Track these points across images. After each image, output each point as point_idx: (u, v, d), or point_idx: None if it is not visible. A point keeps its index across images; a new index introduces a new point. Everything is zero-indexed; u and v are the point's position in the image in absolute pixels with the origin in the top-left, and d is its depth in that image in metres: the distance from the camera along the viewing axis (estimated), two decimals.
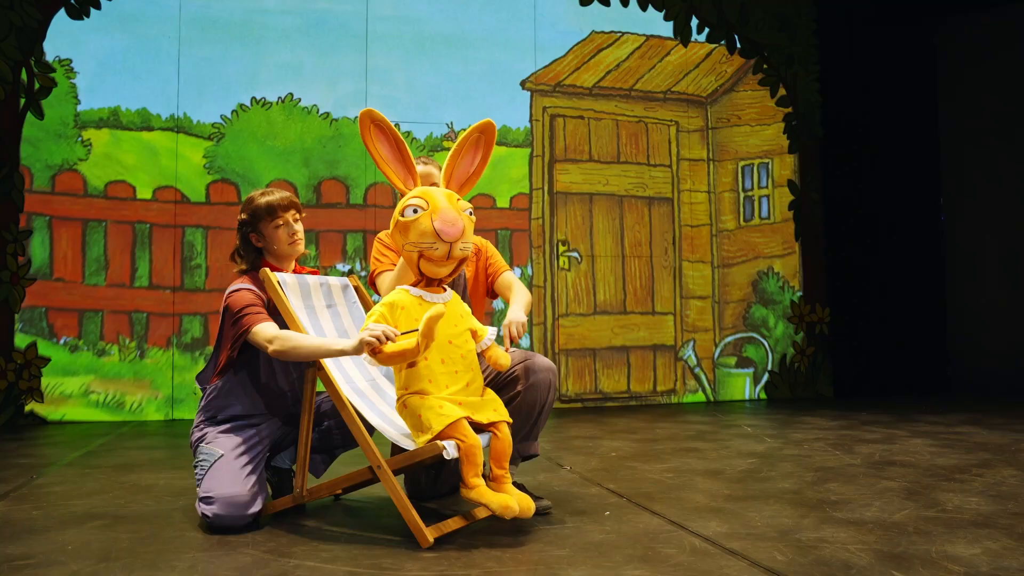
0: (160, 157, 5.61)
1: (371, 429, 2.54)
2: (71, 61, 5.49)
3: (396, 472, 2.42)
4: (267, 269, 2.59)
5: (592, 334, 6.24)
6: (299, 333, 2.45)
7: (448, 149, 6.05)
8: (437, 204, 2.32)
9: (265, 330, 2.46)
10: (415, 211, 2.33)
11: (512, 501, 2.30)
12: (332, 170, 5.83)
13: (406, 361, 2.29)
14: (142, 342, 5.49)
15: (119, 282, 5.49)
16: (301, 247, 2.73)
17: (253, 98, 5.80)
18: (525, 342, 6.08)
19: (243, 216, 2.71)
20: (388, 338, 2.24)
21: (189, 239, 5.60)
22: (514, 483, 2.74)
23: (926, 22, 7.22)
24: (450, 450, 2.27)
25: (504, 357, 2.47)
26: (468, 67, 6.19)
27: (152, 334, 5.50)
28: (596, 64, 6.42)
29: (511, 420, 2.49)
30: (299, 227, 2.71)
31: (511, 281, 2.85)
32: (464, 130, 6.12)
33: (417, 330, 2.21)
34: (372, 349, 2.22)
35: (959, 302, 7.09)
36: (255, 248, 2.72)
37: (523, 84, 6.27)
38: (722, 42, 6.72)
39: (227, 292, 2.64)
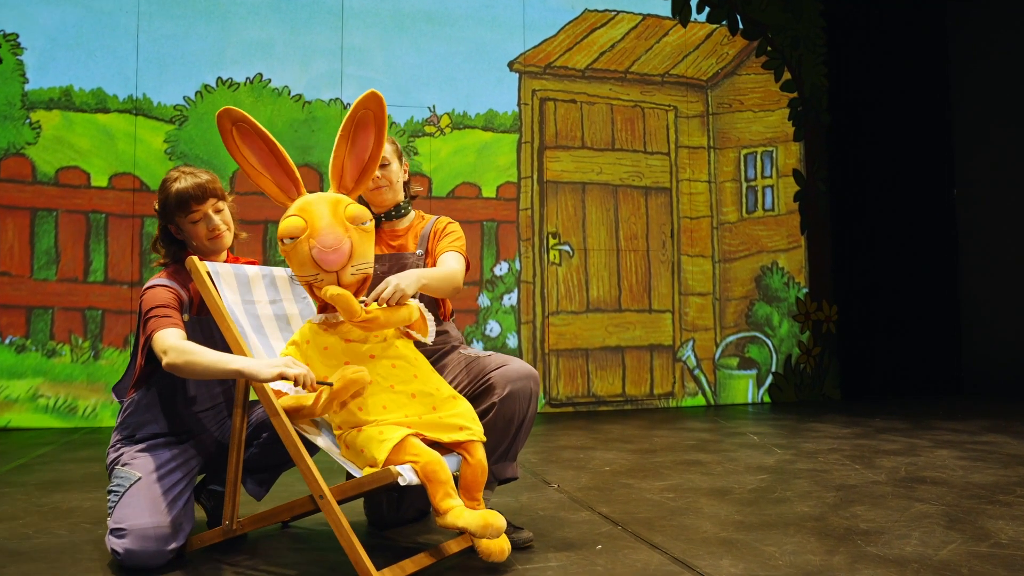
0: (117, 141, 5.18)
1: (314, 449, 2.13)
2: (17, 36, 5.05)
3: (344, 501, 2.01)
4: (195, 258, 2.18)
5: (584, 333, 5.83)
6: (199, 346, 2.04)
7: (430, 135, 5.65)
8: (315, 224, 1.95)
9: (164, 338, 2.05)
10: (292, 238, 1.96)
11: (494, 518, 1.91)
12: (305, 156, 5.41)
13: (300, 419, 2.00)
14: (96, 342, 5.06)
15: (71, 276, 5.06)
16: (226, 240, 2.30)
17: (219, 78, 5.38)
18: (512, 341, 5.67)
19: (156, 205, 2.30)
20: (304, 385, 1.91)
21: (148, 230, 5.17)
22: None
23: (937, 2, 6.84)
24: (406, 475, 1.88)
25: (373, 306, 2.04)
26: (452, 47, 5.77)
27: (108, 333, 5.07)
28: (589, 44, 6.00)
29: (485, 439, 2.08)
30: (220, 218, 2.27)
31: (442, 260, 2.38)
32: (445, 115, 5.78)
33: (329, 384, 1.91)
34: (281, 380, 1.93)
35: (973, 299, 6.72)
36: (176, 240, 2.31)
37: (511, 65, 5.86)
38: (723, 22, 6.32)
39: (143, 290, 2.23)
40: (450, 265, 2.30)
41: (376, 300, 2.03)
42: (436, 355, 2.45)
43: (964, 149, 6.81)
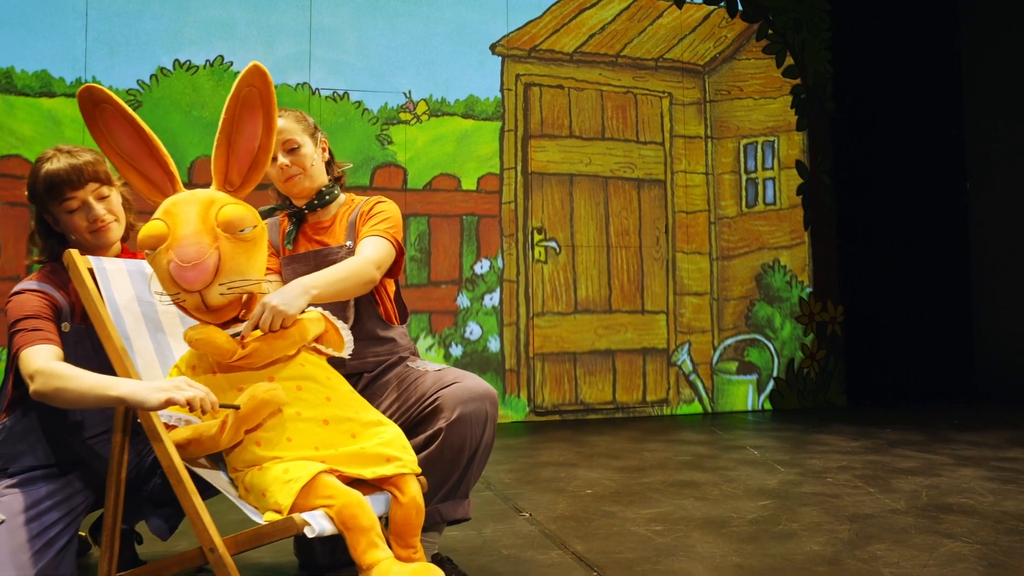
0: (63, 128, 4.77)
1: (209, 491, 1.74)
2: None
3: (241, 553, 1.62)
4: (73, 251, 1.79)
5: (572, 336, 5.43)
6: (74, 370, 1.66)
7: (406, 123, 5.26)
8: (176, 232, 1.59)
9: (32, 359, 1.70)
10: (152, 248, 1.61)
11: (430, 574, 1.54)
12: None
13: (199, 452, 1.63)
14: None
15: (13, 275, 4.65)
16: (113, 234, 1.93)
17: (176, 60, 4.97)
18: (494, 344, 5.27)
19: (26, 191, 1.92)
20: (203, 409, 1.55)
21: None
22: (436, 557, 1.96)
23: None
24: (316, 524, 1.51)
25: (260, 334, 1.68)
26: (429, 28, 5.37)
27: None
28: (578, 26, 5.60)
29: (419, 470, 1.69)
30: (105, 207, 1.90)
31: (358, 249, 1.96)
32: (422, 101, 5.37)
33: (235, 407, 1.57)
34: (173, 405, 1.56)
35: (987, 298, 6.34)
36: (55, 232, 1.94)
37: (493, 48, 5.46)
38: (722, 3, 5.92)
39: (8, 296, 1.84)
40: (363, 254, 1.91)
41: (256, 328, 1.65)
42: (380, 368, 2.06)
43: (977, 139, 6.43)
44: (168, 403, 1.52)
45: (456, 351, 5.23)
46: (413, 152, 5.26)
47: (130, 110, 1.68)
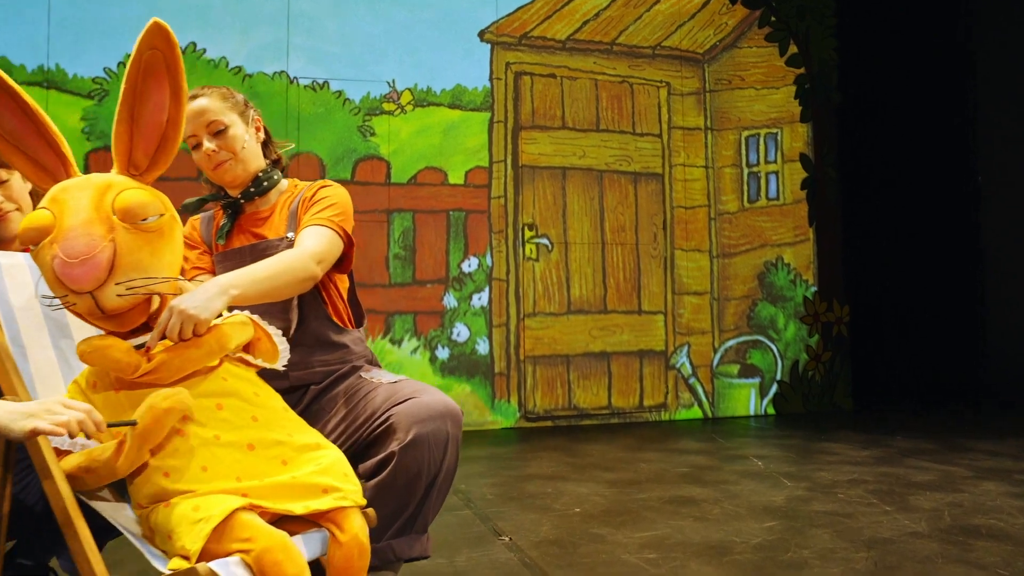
0: None
1: (107, 535, 1.49)
2: None
3: None
4: None
5: (565, 338, 5.16)
6: None
7: (389, 113, 5.00)
8: (63, 222, 1.32)
9: None
10: (35, 242, 1.35)
11: None
12: None
13: (99, 483, 1.36)
14: None
15: None
16: (13, 225, 1.74)
17: None
18: (483, 347, 5.00)
19: None
20: (86, 433, 1.27)
21: None
22: None
23: None
24: (226, 575, 1.22)
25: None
26: (414, 13, 5.10)
27: None
28: (571, 12, 5.34)
29: (364, 502, 1.43)
30: (2, 194, 1.68)
31: (297, 241, 1.69)
32: (406, 91, 5.11)
33: (132, 423, 1.29)
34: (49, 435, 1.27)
35: (998, 297, 6.09)
36: None
37: (482, 35, 5.19)
38: None
39: None
40: (301, 246, 1.64)
41: (164, 337, 1.38)
42: (330, 379, 1.79)
43: (988, 131, 6.19)
44: (34, 433, 1.24)
45: (443, 354, 4.96)
46: (397, 144, 4.99)
47: (11, 81, 1.41)
